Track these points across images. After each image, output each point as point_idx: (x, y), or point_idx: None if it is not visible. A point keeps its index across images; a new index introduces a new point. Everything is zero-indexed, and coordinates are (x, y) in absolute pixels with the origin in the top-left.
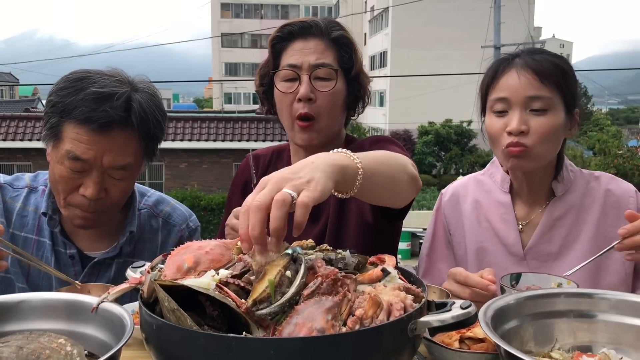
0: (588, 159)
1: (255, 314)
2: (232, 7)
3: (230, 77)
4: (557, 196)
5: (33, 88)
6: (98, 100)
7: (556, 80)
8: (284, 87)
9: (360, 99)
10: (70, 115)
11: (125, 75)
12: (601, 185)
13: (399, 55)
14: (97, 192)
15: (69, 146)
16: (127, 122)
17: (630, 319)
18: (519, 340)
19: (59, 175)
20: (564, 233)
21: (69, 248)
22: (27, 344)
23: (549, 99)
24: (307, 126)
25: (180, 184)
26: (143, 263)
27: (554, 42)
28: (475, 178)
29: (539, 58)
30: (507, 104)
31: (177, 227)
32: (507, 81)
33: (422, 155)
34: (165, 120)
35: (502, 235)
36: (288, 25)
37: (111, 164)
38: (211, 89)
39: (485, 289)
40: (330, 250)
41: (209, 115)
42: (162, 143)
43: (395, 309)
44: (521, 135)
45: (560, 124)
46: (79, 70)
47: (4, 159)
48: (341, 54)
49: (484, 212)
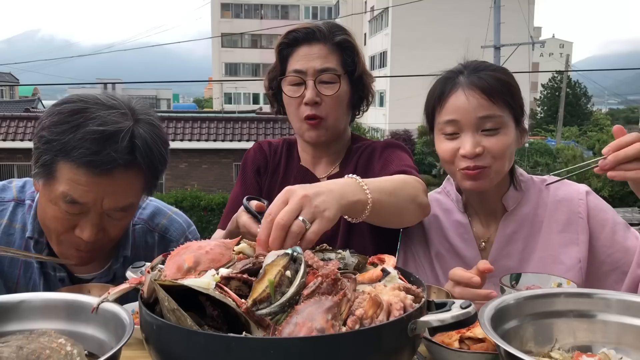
0: (588, 159)
1: (255, 314)
2: (232, 7)
3: (230, 77)
4: (509, 211)
5: (33, 88)
6: (100, 142)
7: (504, 97)
8: (291, 91)
9: (364, 98)
10: (67, 156)
11: (124, 104)
12: (550, 192)
13: (399, 55)
14: (95, 234)
15: (65, 188)
16: (132, 163)
17: (630, 319)
18: (519, 340)
19: (52, 216)
20: (520, 247)
21: (58, 271)
22: (27, 344)
23: (500, 117)
24: (315, 124)
25: (180, 184)
26: (143, 263)
27: (554, 42)
28: (434, 197)
29: (484, 76)
30: (457, 126)
31: (175, 243)
32: (455, 103)
33: (422, 155)
34: (168, 150)
35: (464, 254)
36: (293, 32)
37: (112, 206)
38: (211, 89)
39: (470, 281)
40: (330, 250)
41: (209, 115)
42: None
43: (395, 309)
44: (476, 157)
45: (512, 139)
46: (72, 99)
47: (4, 159)
48: (344, 57)
49: (444, 232)
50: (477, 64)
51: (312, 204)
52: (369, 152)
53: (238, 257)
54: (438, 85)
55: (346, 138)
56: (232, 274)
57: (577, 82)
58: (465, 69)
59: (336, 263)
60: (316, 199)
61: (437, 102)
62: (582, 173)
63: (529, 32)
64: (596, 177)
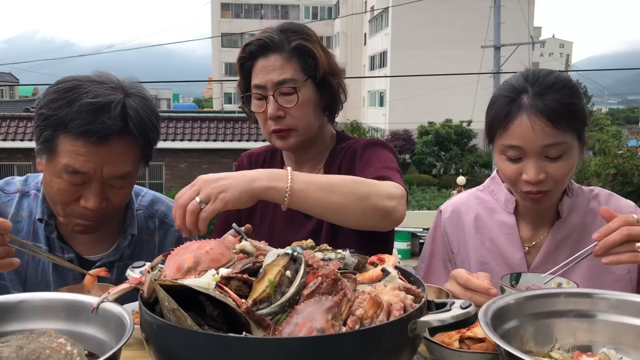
0: (588, 159)
1: (255, 314)
2: (232, 7)
3: (230, 77)
4: (562, 218)
5: (33, 88)
6: (94, 112)
7: (570, 122)
8: (256, 106)
9: (336, 98)
10: (66, 129)
11: (114, 80)
12: (601, 204)
13: (399, 55)
14: (99, 203)
15: (66, 160)
16: (125, 131)
17: (630, 318)
18: (519, 340)
19: (57, 189)
20: (567, 254)
21: (67, 252)
22: (27, 343)
23: (564, 144)
24: (283, 135)
25: (180, 184)
26: (143, 263)
27: (554, 42)
28: (476, 195)
29: (549, 102)
30: (520, 152)
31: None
32: (519, 129)
33: (422, 155)
34: (160, 121)
35: (508, 256)
36: (249, 45)
37: (111, 174)
38: (211, 89)
39: (487, 292)
40: (330, 250)
41: (209, 115)
42: (162, 143)
43: (395, 309)
44: (539, 182)
45: (575, 160)
46: (66, 79)
47: (4, 159)
48: (303, 62)
49: (487, 231)
50: (542, 79)
51: (209, 187)
52: (351, 153)
53: (238, 257)
54: (501, 104)
55: (327, 139)
56: (232, 274)
57: (577, 82)
58: (530, 87)
59: (336, 263)
60: (215, 182)
61: (500, 124)
62: (582, 173)
63: (529, 32)
64: (596, 178)
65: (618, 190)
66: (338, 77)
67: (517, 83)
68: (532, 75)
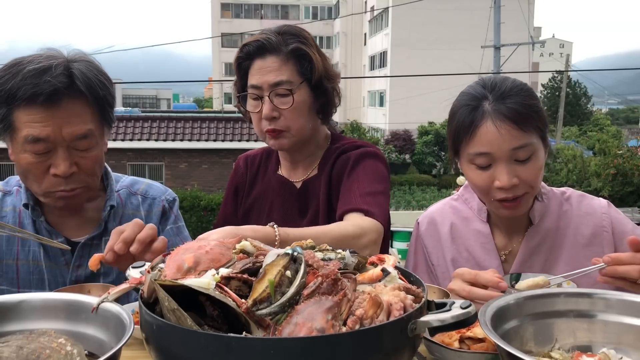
0: (588, 159)
1: (255, 314)
2: (232, 7)
3: (230, 77)
4: (534, 224)
5: None
6: (37, 75)
7: (534, 122)
8: (252, 106)
9: (330, 101)
10: (15, 99)
11: (58, 52)
12: (573, 206)
13: (399, 55)
14: (68, 167)
15: (25, 131)
16: (73, 88)
17: (630, 318)
18: (519, 340)
19: (26, 164)
20: (542, 259)
21: (55, 237)
22: (27, 343)
23: (532, 145)
24: (276, 135)
25: (180, 184)
26: (143, 263)
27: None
28: (450, 204)
29: (512, 104)
30: (489, 158)
31: (157, 199)
32: (486, 136)
33: (422, 155)
34: (112, 84)
35: (485, 265)
36: (247, 45)
37: (72, 135)
38: (211, 89)
39: (497, 285)
40: (330, 250)
41: (209, 115)
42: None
43: (395, 309)
44: (512, 187)
45: (543, 160)
46: (9, 61)
47: (4, 159)
48: (300, 65)
49: (463, 241)
50: (500, 85)
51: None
52: (344, 159)
53: (238, 257)
54: (464, 114)
55: (321, 139)
56: (232, 273)
57: (577, 82)
58: (489, 93)
59: (336, 263)
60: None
61: (466, 132)
62: (582, 173)
63: (529, 32)
64: (596, 178)
65: (618, 190)
66: (333, 81)
67: (476, 91)
68: (489, 83)
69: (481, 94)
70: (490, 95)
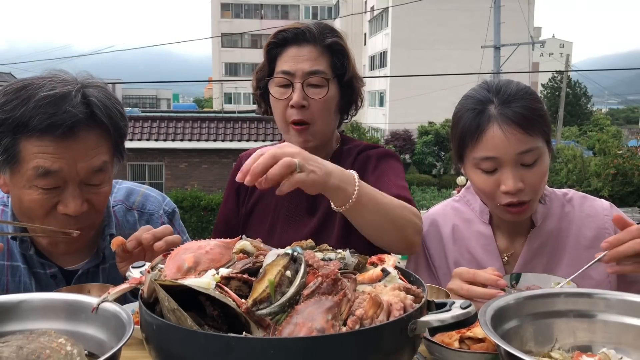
0: (588, 159)
1: (255, 314)
2: (232, 7)
3: (230, 77)
4: (537, 226)
5: None
6: (54, 103)
7: (540, 126)
8: (278, 92)
9: (353, 102)
10: (27, 129)
11: (67, 74)
12: (575, 208)
13: (399, 55)
14: (79, 205)
15: (34, 163)
16: (93, 119)
17: (630, 318)
18: (519, 340)
19: (30, 201)
20: (544, 261)
21: (48, 268)
22: (27, 343)
23: (538, 149)
24: (301, 130)
25: (180, 184)
26: (143, 263)
27: (554, 42)
28: (452, 205)
29: (518, 108)
30: (496, 162)
31: (155, 215)
32: (492, 140)
33: (422, 155)
34: (124, 109)
35: (486, 267)
36: (283, 32)
37: (87, 169)
38: (211, 89)
39: (496, 283)
40: (330, 250)
41: (209, 115)
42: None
43: (395, 309)
44: (519, 192)
45: (548, 166)
46: (14, 82)
47: None
48: (334, 60)
49: (464, 243)
50: (505, 89)
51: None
52: (363, 159)
53: (238, 257)
54: (469, 118)
55: (334, 141)
56: (232, 274)
57: (577, 82)
58: (494, 97)
59: (336, 263)
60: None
61: (471, 137)
62: (582, 172)
63: (529, 32)
64: (596, 178)
65: (618, 190)
66: (361, 83)
67: (481, 95)
68: (493, 86)
69: (486, 98)
70: (496, 99)
